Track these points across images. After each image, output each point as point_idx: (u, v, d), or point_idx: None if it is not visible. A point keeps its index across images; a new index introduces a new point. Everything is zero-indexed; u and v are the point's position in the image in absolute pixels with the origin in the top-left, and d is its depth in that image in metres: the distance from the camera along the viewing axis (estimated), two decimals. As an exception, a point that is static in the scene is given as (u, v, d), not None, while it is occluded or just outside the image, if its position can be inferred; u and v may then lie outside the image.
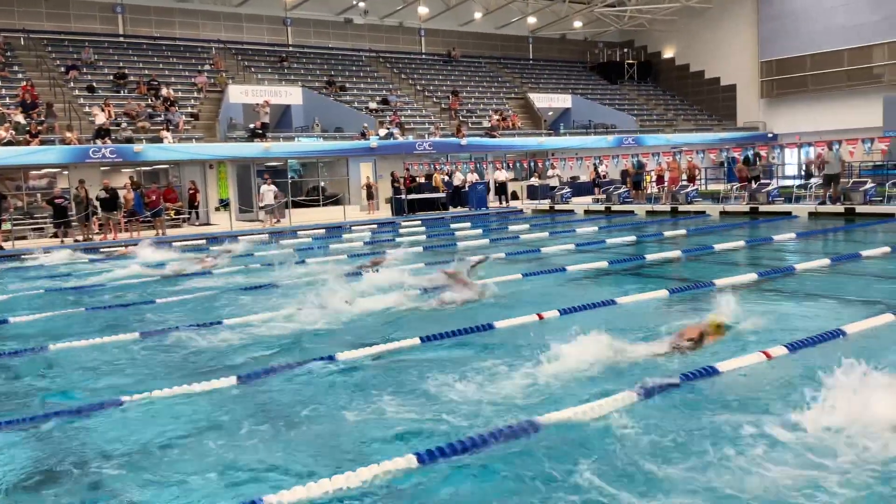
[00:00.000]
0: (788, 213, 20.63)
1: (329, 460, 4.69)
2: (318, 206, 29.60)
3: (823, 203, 20.56)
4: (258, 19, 37.43)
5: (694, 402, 5.37)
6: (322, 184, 31.71)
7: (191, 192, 27.23)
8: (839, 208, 19.91)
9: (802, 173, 25.22)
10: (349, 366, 6.82)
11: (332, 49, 39.34)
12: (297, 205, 28.20)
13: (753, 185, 23.34)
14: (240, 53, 35.94)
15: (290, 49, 37.87)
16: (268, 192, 26.04)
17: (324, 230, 23.54)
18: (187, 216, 27.00)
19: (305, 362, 6.87)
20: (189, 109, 30.07)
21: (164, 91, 29.87)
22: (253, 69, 34.72)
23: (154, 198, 23.95)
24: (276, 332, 8.39)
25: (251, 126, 29.08)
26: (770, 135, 41.31)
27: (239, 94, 30.68)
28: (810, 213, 20.16)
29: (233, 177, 28.81)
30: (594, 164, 34.82)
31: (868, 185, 20.56)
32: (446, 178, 31.25)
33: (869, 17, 37.41)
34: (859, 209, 19.53)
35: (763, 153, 25.86)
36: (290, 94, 32.36)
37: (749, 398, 5.42)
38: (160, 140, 26.22)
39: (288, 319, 8.93)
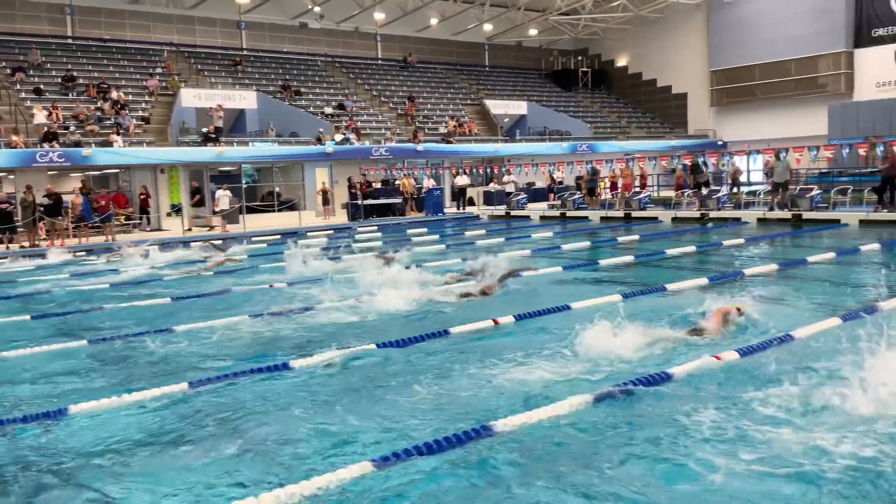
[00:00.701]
0: (738, 219, 21.09)
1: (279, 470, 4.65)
2: (274, 211, 29.31)
3: (772, 209, 21.06)
4: (212, 22, 36.96)
5: (641, 408, 5.44)
6: (277, 189, 31.40)
7: (142, 196, 26.74)
8: (787, 214, 20.42)
9: (729, 181, 26.01)
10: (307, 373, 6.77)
11: (287, 53, 39.04)
12: (251, 210, 27.88)
13: (704, 192, 23.81)
14: (193, 57, 35.44)
15: (245, 53, 37.47)
16: (223, 197, 25.70)
17: (279, 236, 23.31)
18: (138, 222, 26.50)
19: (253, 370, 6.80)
20: (140, 113, 29.54)
21: (114, 94, 29.31)
22: (206, 73, 34.26)
23: (103, 203, 23.46)
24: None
25: (204, 130, 28.69)
26: (720, 142, 42.23)
27: (192, 97, 30.24)
28: (759, 219, 20.63)
29: (185, 182, 28.37)
30: (549, 171, 35.13)
31: (814, 192, 21.12)
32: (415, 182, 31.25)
33: (814, 29, 38.53)
34: (806, 215, 20.05)
35: (714, 161, 26.40)
36: (245, 99, 32.02)
37: (697, 401, 5.51)
38: (110, 144, 25.70)
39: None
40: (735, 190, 24.75)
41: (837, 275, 11.44)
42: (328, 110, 34.38)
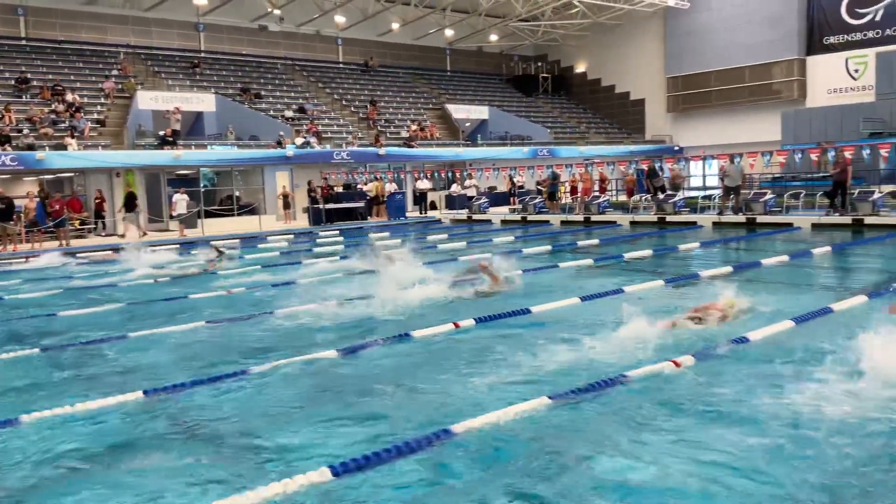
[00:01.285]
0: (694, 223, 21.46)
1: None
2: (233, 215, 28.99)
3: (721, 213, 21.46)
4: (169, 24, 36.44)
5: (593, 411, 5.52)
6: (237, 193, 31.07)
7: (97, 201, 26.24)
8: (741, 218, 20.84)
9: (668, 185, 26.60)
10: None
11: (246, 56, 38.67)
12: (210, 214, 27.55)
13: (661, 196, 24.18)
14: (149, 59, 34.91)
15: (203, 55, 37.02)
16: (180, 201, 25.35)
17: (238, 240, 23.06)
18: (93, 226, 26.00)
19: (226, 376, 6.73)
20: (95, 116, 28.99)
21: (68, 96, 28.72)
22: (163, 75, 33.77)
23: (57, 207, 22.97)
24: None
25: (161, 133, 28.27)
26: (676, 147, 42.92)
27: (148, 100, 29.79)
28: (714, 223, 21.02)
29: (141, 185, 27.92)
30: (510, 175, 35.37)
31: (768, 196, 21.60)
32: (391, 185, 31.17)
33: (768, 36, 39.40)
34: (760, 219, 20.49)
35: (670, 166, 26.82)
36: (203, 101, 31.64)
37: (652, 405, 5.60)
38: (64, 147, 25.17)
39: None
40: (679, 195, 25.00)
41: (791, 277, 11.69)
42: (289, 114, 34.14)
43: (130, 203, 24.56)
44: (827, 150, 21.36)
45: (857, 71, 36.98)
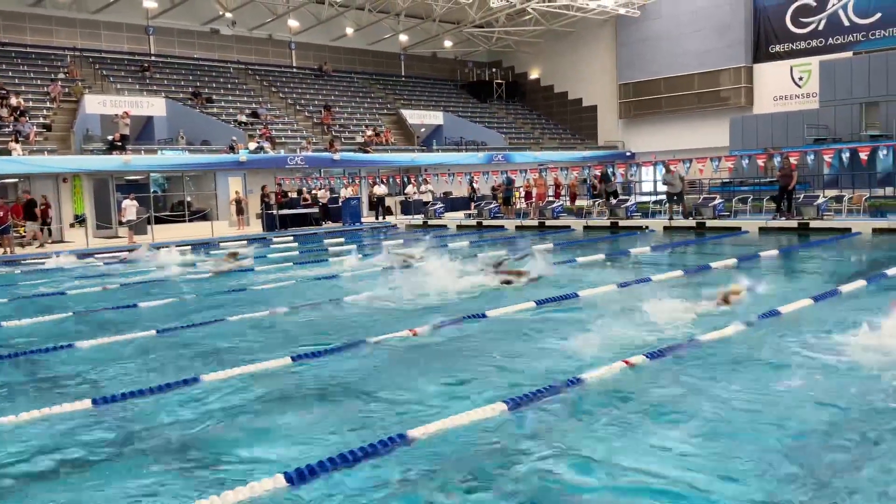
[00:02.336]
0: (645, 228, 21.81)
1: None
2: (184, 221, 28.52)
3: (671, 218, 21.88)
4: (118, 27, 35.78)
5: (553, 411, 5.57)
6: (188, 198, 30.59)
7: (42, 207, 25.56)
8: (691, 222, 21.26)
9: (589, 190, 27.33)
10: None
11: (197, 60, 38.15)
12: (160, 220, 27.06)
13: (613, 201, 24.53)
14: (97, 62, 34.20)
15: (153, 59, 36.42)
16: (130, 207, 24.86)
17: (189, 247, 22.69)
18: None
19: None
20: (41, 120, 28.29)
21: (13, 100, 27.96)
22: (112, 78, 33.11)
23: (1, 214, 22.31)
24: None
25: (109, 138, 27.71)
26: (628, 153, 43.62)
27: (96, 104, 29.18)
28: (665, 228, 21.40)
29: (89, 191, 27.31)
30: (471, 181, 35.47)
31: (717, 201, 22.07)
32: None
33: (716, 44, 40.33)
34: (709, 223, 20.91)
35: (622, 171, 27.26)
36: (153, 105, 31.13)
37: (604, 405, 5.68)
38: (9, 152, 24.49)
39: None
40: (611, 200, 25.35)
41: (739, 280, 11.93)
42: (241, 118, 33.76)
43: (29, 210, 23.85)
44: (773, 155, 21.91)
45: (801, 78, 38.08)
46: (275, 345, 8.26)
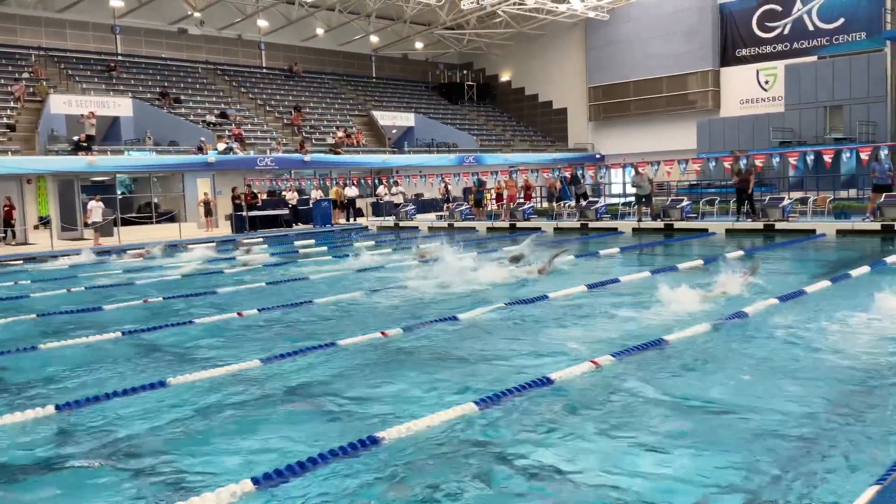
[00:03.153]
0: (614, 229, 22.00)
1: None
2: (151, 223, 28.17)
3: (640, 220, 22.12)
4: (84, 26, 35.24)
5: (520, 412, 5.60)
6: (155, 200, 30.21)
7: (6, 209, 25.10)
8: (659, 224, 21.49)
9: (545, 194, 27.94)
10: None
11: (165, 60, 37.71)
12: (127, 222, 26.70)
13: (583, 203, 24.71)
14: (63, 61, 33.65)
15: (120, 58, 35.92)
16: (95, 209, 24.49)
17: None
18: (2, 235, 24.86)
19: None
20: (5, 120, 27.76)
21: (-26, 99, 27.41)
22: (77, 78, 32.60)
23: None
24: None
25: (75, 138, 27.28)
26: (598, 156, 43.97)
27: (61, 104, 28.70)
28: (634, 229, 21.60)
29: (54, 192, 26.86)
30: (445, 183, 35.50)
31: (684, 203, 22.34)
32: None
33: (684, 48, 40.81)
34: (677, 225, 21.16)
35: (592, 173, 27.49)
36: (120, 106, 30.69)
37: (576, 406, 5.72)
38: (-31, 152, 24.01)
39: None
40: (581, 202, 25.58)
41: (706, 282, 12.07)
42: (210, 119, 33.42)
43: None
44: (739, 158, 22.23)
45: (767, 82, 38.68)
46: (245, 347, 8.20)
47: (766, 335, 7.75)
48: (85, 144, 26.79)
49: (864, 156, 21.56)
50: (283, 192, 31.34)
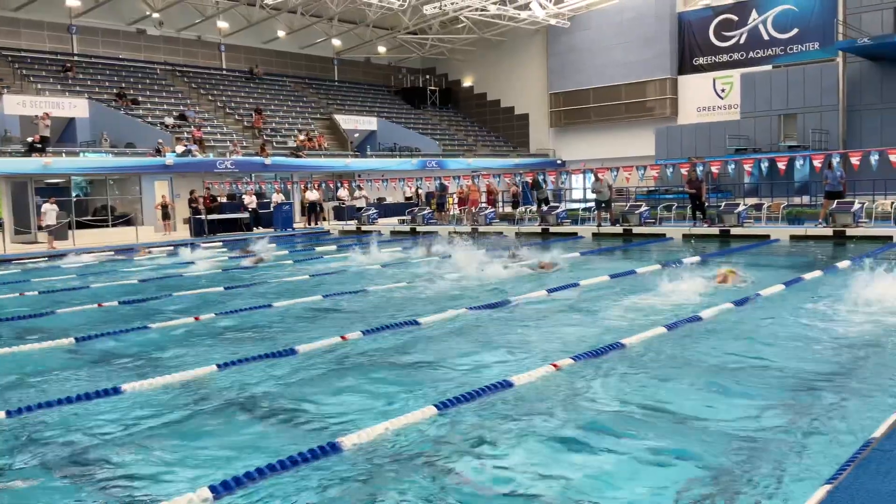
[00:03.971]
0: (575, 234, 22.23)
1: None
2: (107, 226, 27.66)
3: (600, 225, 22.40)
4: (39, 25, 34.49)
5: (484, 413, 5.63)
6: (112, 203, 29.67)
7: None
8: (618, 229, 21.78)
9: (510, 199, 28.54)
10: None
11: (123, 60, 37.09)
12: (82, 225, 26.19)
13: (544, 208, 24.93)
14: (17, 61, 32.88)
15: (76, 58, 35.24)
16: (49, 212, 23.98)
17: (112, 252, 22.06)
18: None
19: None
20: (-46, 120, 27.05)
21: (-78, 98, 26.66)
22: (32, 78, 31.89)
23: None
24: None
25: (29, 140, 26.68)
26: (559, 161, 44.35)
27: (15, 104, 28.07)
28: (594, 234, 21.85)
29: (7, 195, 26.22)
30: (417, 186, 35.51)
31: (643, 209, 22.67)
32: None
33: (643, 56, 41.38)
34: (636, 230, 21.46)
35: (553, 178, 27.75)
36: (75, 107, 30.11)
37: (536, 405, 5.78)
38: (-83, 153, 23.33)
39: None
40: (543, 207, 25.84)
41: (663, 285, 12.27)
42: (168, 121, 32.95)
43: None
44: (696, 165, 22.64)
45: (723, 90, 39.41)
46: (204, 351, 8.11)
47: (722, 338, 7.91)
48: (39, 146, 26.23)
49: (816, 163, 22.08)
50: (243, 196, 31.02)
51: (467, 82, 50.51)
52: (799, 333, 8.05)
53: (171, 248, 23.46)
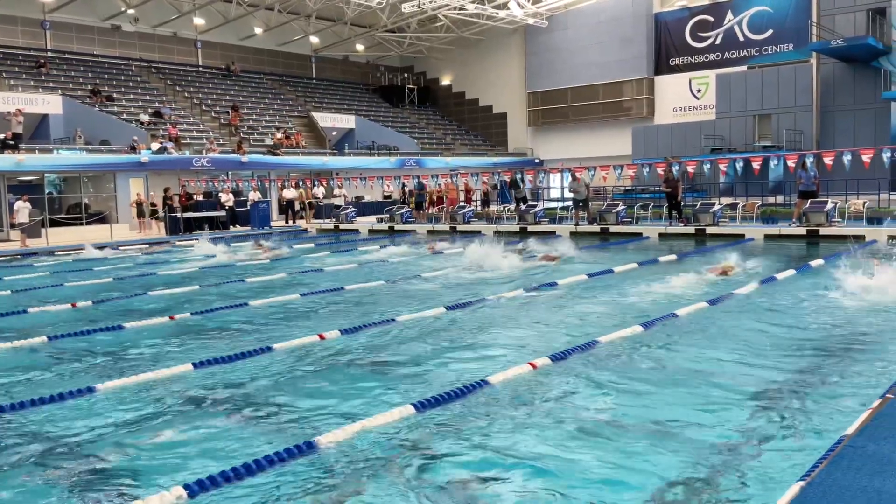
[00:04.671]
0: (553, 233, 22.31)
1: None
2: (81, 224, 27.32)
3: (577, 224, 22.51)
4: (11, 21, 33.95)
5: (461, 413, 5.64)
6: (86, 200, 29.31)
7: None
8: (595, 228, 21.90)
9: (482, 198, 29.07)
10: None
11: (97, 56, 36.64)
12: (55, 223, 25.85)
13: (522, 207, 25.00)
14: (-12, 56, 32.39)
15: (50, 54, 34.75)
16: (22, 209, 23.63)
17: (147, 245, 21.90)
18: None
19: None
20: (-77, 115, 26.55)
21: None
22: (4, 74, 31.40)
23: None
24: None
25: (1, 136, 26.25)
26: (537, 160, 44.50)
27: (-13, 100, 27.62)
28: (571, 233, 21.94)
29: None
30: (403, 184, 35.39)
31: (620, 208, 22.81)
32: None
33: (620, 56, 41.64)
34: (613, 229, 21.59)
35: (531, 177, 27.84)
36: (49, 103, 29.66)
37: (516, 404, 5.79)
38: None
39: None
40: (521, 205, 25.94)
41: (639, 284, 12.37)
42: (144, 118, 32.59)
43: None
44: (672, 164, 22.82)
45: (699, 91, 39.76)
46: (180, 351, 8.04)
47: (695, 336, 7.98)
48: (12, 143, 25.82)
49: (790, 163, 22.38)
50: (220, 194, 30.77)
51: (446, 81, 50.52)
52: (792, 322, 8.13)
53: (146, 245, 23.28)
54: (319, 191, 32.65)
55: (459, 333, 8.61)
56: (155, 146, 29.61)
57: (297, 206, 31.10)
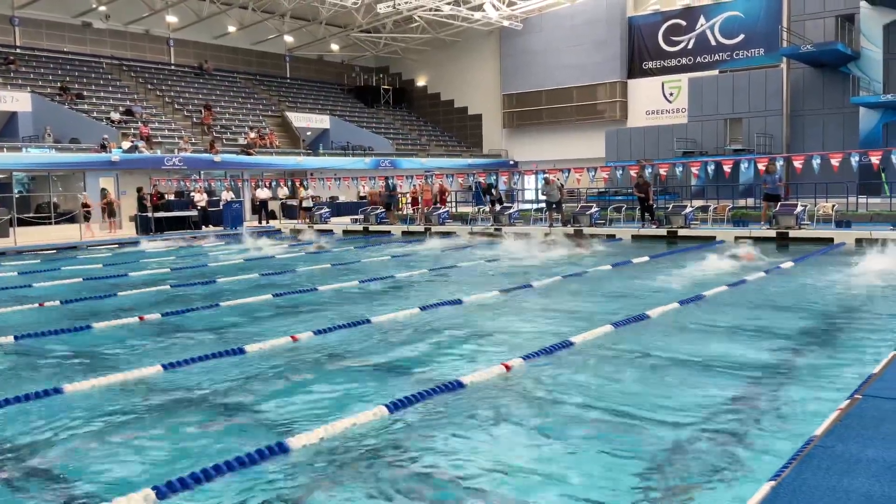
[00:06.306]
0: (527, 234, 22.37)
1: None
2: (50, 223, 26.91)
3: (552, 225, 22.63)
4: (-22, 16, 33.40)
5: (438, 413, 5.63)
6: (55, 199, 28.88)
7: None
8: (569, 230, 22.02)
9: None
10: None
11: (67, 53, 36.14)
12: (24, 222, 25.43)
13: (497, 208, 25.07)
14: (-46, 51, 31.79)
15: (19, 51, 34.19)
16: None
17: (55, 251, 21.48)
18: None
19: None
20: None
21: None
22: (-29, 70, 30.87)
23: None
24: None
25: (-33, 133, 25.80)
26: (512, 162, 44.67)
27: (-47, 97, 27.11)
28: (545, 234, 22.03)
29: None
30: (388, 184, 35.30)
31: (593, 210, 22.96)
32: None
33: (593, 59, 41.94)
34: (586, 231, 21.72)
35: (505, 179, 27.94)
36: (17, 100, 29.20)
37: (492, 406, 5.80)
38: None
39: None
40: (496, 207, 26.11)
41: (612, 284, 12.46)
42: (115, 116, 32.20)
43: None
44: (644, 167, 23.03)
45: (672, 94, 40.18)
46: (148, 353, 7.94)
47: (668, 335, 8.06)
48: (-23, 140, 25.37)
49: (761, 166, 22.65)
50: (192, 193, 30.47)
51: (421, 82, 50.52)
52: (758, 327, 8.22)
53: (117, 245, 22.99)
54: (283, 192, 32.41)
55: (450, 332, 8.60)
56: (126, 145, 29.28)
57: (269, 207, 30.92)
